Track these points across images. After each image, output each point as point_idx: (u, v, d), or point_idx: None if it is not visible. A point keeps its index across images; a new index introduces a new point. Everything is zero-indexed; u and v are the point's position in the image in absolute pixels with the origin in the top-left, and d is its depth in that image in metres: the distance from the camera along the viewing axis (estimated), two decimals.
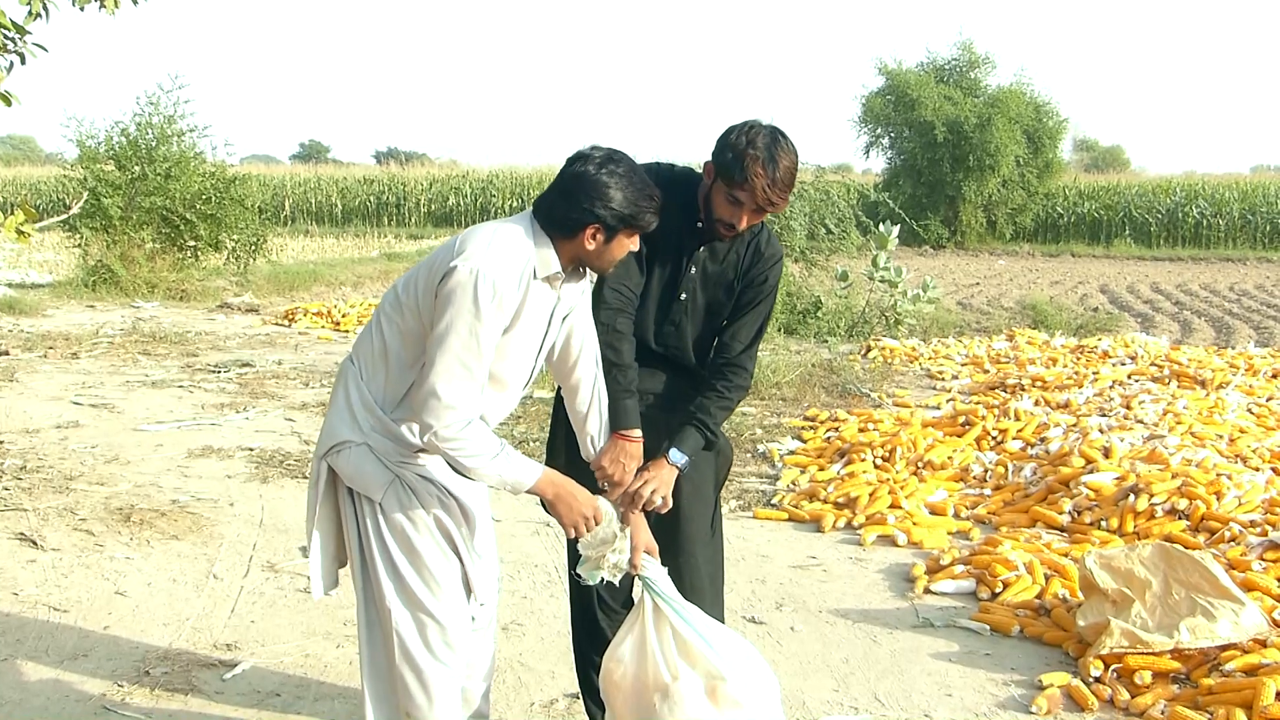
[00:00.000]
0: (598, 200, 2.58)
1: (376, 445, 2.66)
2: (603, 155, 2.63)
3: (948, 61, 30.20)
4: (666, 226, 3.00)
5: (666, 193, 3.00)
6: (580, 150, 2.66)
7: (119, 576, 4.65)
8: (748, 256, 3.15)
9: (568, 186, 2.62)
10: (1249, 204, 29.97)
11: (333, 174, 39.06)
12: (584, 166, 2.60)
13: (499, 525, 5.44)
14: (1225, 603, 3.82)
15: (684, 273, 3.11)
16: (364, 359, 2.71)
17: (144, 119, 15.34)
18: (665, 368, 3.19)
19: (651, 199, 2.65)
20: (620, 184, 2.59)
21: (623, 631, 2.89)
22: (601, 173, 2.59)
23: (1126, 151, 59.29)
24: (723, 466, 3.33)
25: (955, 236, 29.17)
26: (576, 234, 2.62)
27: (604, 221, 2.60)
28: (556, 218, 2.62)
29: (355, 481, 2.68)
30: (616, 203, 2.59)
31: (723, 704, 2.72)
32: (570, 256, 2.67)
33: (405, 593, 2.70)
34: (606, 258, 2.69)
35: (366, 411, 2.67)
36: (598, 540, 2.85)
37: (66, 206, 24.63)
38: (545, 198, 2.67)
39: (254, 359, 10.14)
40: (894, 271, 12.37)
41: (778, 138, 2.94)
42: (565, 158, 2.69)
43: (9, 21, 4.65)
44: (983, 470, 6.35)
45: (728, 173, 2.92)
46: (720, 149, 2.96)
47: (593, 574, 2.90)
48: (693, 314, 3.15)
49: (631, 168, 2.64)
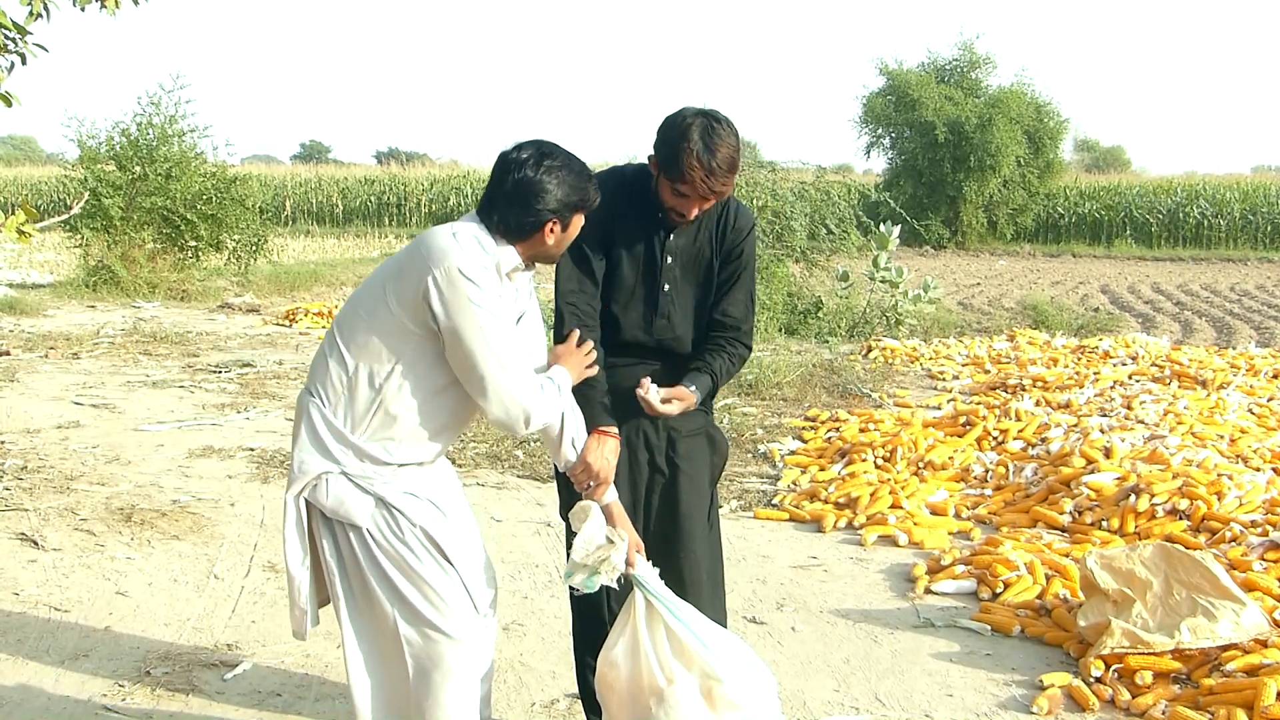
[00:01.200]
0: (550, 198, 2.66)
1: (353, 470, 2.64)
2: (533, 153, 2.69)
3: (948, 62, 30.19)
4: (633, 225, 3.07)
5: (626, 193, 3.06)
6: (508, 155, 2.70)
7: (120, 576, 4.65)
8: (719, 232, 3.16)
9: (515, 195, 2.67)
10: (1250, 204, 29.95)
11: (333, 174, 39.07)
12: (522, 172, 2.66)
13: (500, 525, 5.45)
14: (1226, 603, 3.82)
15: (661, 264, 3.12)
16: (323, 386, 2.67)
17: (145, 119, 15.34)
18: (658, 361, 3.19)
19: (589, 176, 2.74)
20: (562, 175, 2.68)
21: (615, 633, 2.85)
22: (541, 172, 2.66)
23: (1127, 152, 59.26)
24: (719, 463, 3.34)
25: (956, 237, 29.16)
26: (535, 234, 2.70)
27: (559, 214, 2.69)
28: (513, 226, 2.68)
29: (338, 512, 2.64)
30: (565, 194, 2.68)
31: (719, 706, 2.69)
32: (528, 255, 2.74)
33: (411, 614, 2.66)
34: (564, 244, 2.78)
35: (335, 438, 2.64)
36: (592, 547, 2.82)
37: (67, 207, 24.64)
38: (493, 209, 2.69)
39: (255, 359, 10.15)
40: (895, 272, 12.38)
41: (711, 125, 2.92)
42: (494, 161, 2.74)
43: (10, 22, 4.65)
44: (984, 470, 6.35)
45: (667, 168, 2.95)
46: (658, 144, 2.97)
47: (589, 581, 2.83)
48: (679, 302, 3.16)
49: (564, 155, 2.72)
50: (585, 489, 2.91)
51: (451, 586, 2.69)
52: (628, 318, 3.13)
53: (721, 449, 3.33)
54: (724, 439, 3.35)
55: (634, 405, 3.04)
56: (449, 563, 2.69)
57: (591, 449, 2.89)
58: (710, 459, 3.26)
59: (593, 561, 2.81)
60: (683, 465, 3.19)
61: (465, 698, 2.72)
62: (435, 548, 2.68)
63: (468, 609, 2.72)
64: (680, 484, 3.18)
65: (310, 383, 2.71)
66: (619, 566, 2.82)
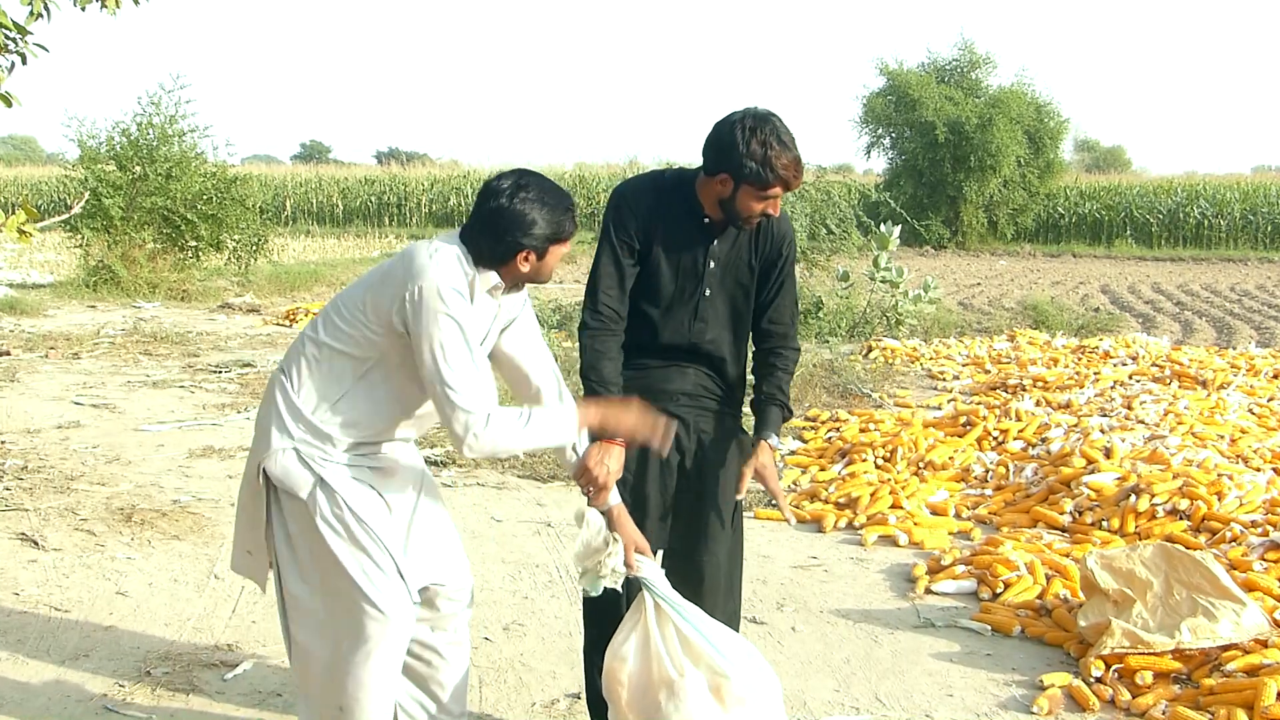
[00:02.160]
0: (519, 230, 2.74)
1: (303, 449, 2.78)
2: (510, 185, 2.76)
3: (949, 62, 30.18)
4: (675, 231, 3.10)
5: (666, 200, 3.10)
6: (489, 183, 2.80)
7: (120, 576, 4.65)
8: (760, 238, 3.19)
9: (489, 223, 2.76)
10: (1250, 204, 29.93)
11: (334, 174, 39.06)
12: (497, 201, 2.75)
13: (500, 525, 5.45)
14: (1226, 603, 3.82)
15: (705, 270, 3.15)
16: (294, 370, 2.82)
17: (145, 119, 15.34)
18: (694, 365, 3.22)
19: (568, 209, 2.80)
20: (535, 208, 2.75)
21: (624, 629, 2.88)
22: (515, 202, 2.74)
23: (1128, 152, 59.23)
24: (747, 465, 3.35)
25: (956, 237, 29.14)
26: (509, 262, 2.78)
27: (532, 246, 2.76)
28: (486, 253, 2.78)
29: (284, 483, 2.79)
30: (539, 227, 2.75)
31: (728, 702, 2.72)
32: (509, 278, 2.83)
33: (338, 585, 2.75)
34: (544, 273, 2.84)
35: (293, 418, 2.79)
36: (590, 550, 2.86)
37: (68, 207, 24.62)
38: (471, 235, 2.79)
39: (255, 359, 10.15)
40: (895, 272, 12.38)
41: (770, 120, 2.97)
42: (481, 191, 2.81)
43: (10, 22, 4.65)
44: (984, 470, 6.35)
45: (759, 180, 2.95)
46: (735, 161, 2.94)
47: (595, 584, 2.89)
48: (718, 307, 3.20)
49: (541, 187, 2.78)
50: (586, 494, 2.96)
51: (380, 566, 2.75)
52: (667, 321, 3.17)
53: (749, 452, 3.35)
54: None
55: (664, 406, 3.09)
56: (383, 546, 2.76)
57: (593, 455, 2.92)
58: (738, 463, 3.29)
59: (591, 565, 2.87)
60: (710, 469, 3.23)
61: (385, 675, 2.79)
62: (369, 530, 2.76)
63: (400, 591, 2.77)
64: (707, 487, 3.22)
65: (284, 364, 2.87)
66: (618, 569, 2.87)
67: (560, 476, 6.17)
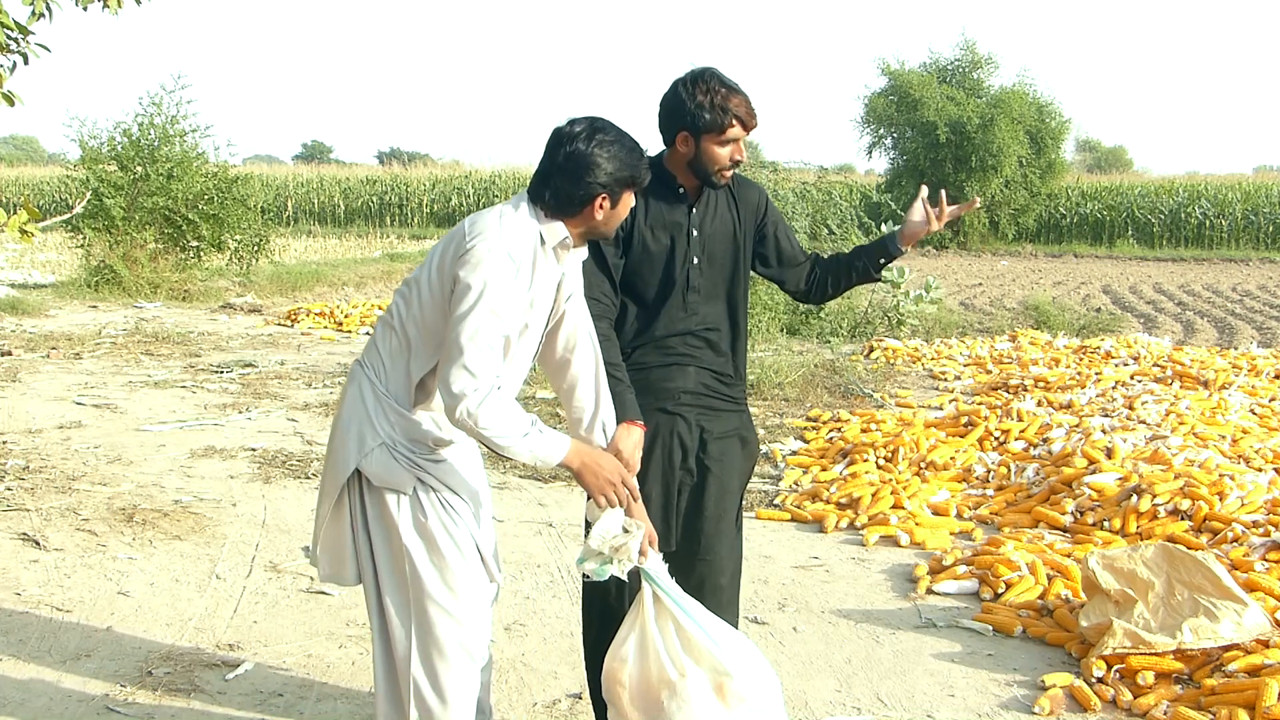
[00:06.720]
0: (600, 172, 2.67)
1: (396, 444, 2.70)
2: (586, 128, 2.69)
3: (950, 62, 30.16)
4: (655, 207, 3.15)
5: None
6: (561, 129, 2.72)
7: (121, 577, 4.65)
8: (736, 200, 3.27)
9: (565, 169, 2.68)
10: (1251, 204, 29.90)
11: (335, 174, 39.08)
12: (574, 145, 2.67)
13: (501, 525, 5.44)
14: (1228, 603, 3.81)
15: (690, 240, 3.18)
16: (376, 359, 2.74)
17: (146, 119, 15.35)
18: (694, 362, 3.23)
19: (642, 154, 2.74)
20: (614, 150, 2.69)
21: (624, 629, 2.87)
22: (593, 145, 2.67)
23: (1129, 152, 59.27)
24: (748, 466, 3.37)
25: (958, 237, 29.11)
26: (586, 208, 2.71)
27: (609, 189, 2.70)
28: (562, 200, 2.70)
29: (384, 479, 2.70)
30: (616, 168, 2.69)
31: (730, 701, 2.71)
32: (578, 232, 2.76)
33: (426, 590, 2.70)
34: (613, 222, 2.78)
35: (382, 411, 2.70)
36: (608, 536, 2.83)
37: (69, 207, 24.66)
38: (545, 185, 2.71)
39: (257, 359, 10.15)
40: (897, 272, 12.38)
41: (707, 70, 3.07)
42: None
43: (12, 21, 4.65)
44: (985, 471, 6.34)
45: (715, 125, 3.03)
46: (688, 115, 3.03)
47: (601, 569, 2.84)
48: (709, 272, 3.23)
49: (617, 130, 2.73)
50: None
51: (469, 574, 2.73)
52: (660, 303, 3.18)
53: (752, 450, 3.37)
54: (755, 440, 3.40)
55: (665, 406, 3.11)
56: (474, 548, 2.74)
57: (622, 438, 2.92)
58: (740, 462, 3.30)
59: (609, 550, 2.82)
60: (713, 467, 3.23)
61: (464, 687, 2.76)
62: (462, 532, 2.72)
63: (482, 602, 2.77)
64: (709, 485, 3.22)
65: (364, 356, 2.79)
66: (634, 556, 2.82)
67: (562, 477, 6.16)
